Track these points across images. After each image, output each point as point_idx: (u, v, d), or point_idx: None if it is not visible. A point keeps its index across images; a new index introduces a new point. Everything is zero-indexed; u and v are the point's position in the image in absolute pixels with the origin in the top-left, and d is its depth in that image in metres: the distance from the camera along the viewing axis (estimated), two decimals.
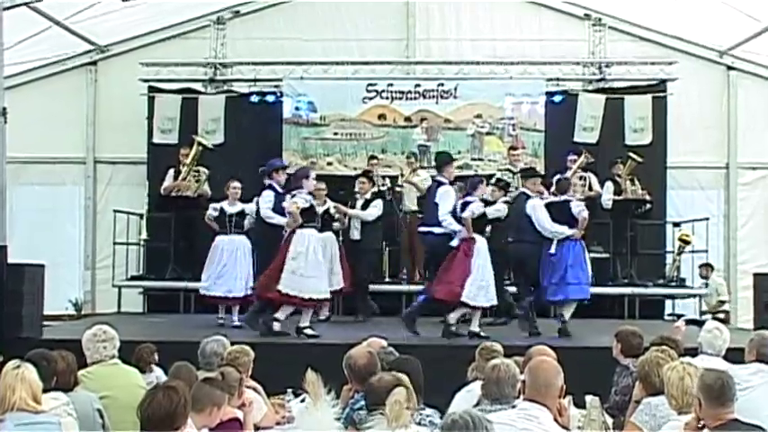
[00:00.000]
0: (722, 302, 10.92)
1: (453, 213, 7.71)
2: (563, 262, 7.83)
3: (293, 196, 7.59)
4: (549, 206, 8.03)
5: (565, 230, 7.87)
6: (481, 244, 7.70)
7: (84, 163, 12.02)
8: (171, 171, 10.52)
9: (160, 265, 10.75)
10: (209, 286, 8.74)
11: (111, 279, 10.94)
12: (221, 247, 8.72)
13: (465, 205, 7.76)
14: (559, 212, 7.98)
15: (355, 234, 9.15)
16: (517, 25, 11.76)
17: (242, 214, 8.73)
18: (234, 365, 4.56)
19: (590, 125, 11.28)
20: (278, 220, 7.81)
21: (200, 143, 10.48)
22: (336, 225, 9.06)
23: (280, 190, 8.00)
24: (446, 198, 7.73)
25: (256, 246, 8.40)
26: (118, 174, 11.98)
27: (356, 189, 9.24)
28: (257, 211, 8.22)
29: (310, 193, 7.74)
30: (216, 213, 8.81)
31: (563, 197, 8.15)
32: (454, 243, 7.67)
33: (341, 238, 9.20)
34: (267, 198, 7.96)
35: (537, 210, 7.95)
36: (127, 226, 11.01)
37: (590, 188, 10.20)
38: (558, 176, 9.18)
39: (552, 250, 7.82)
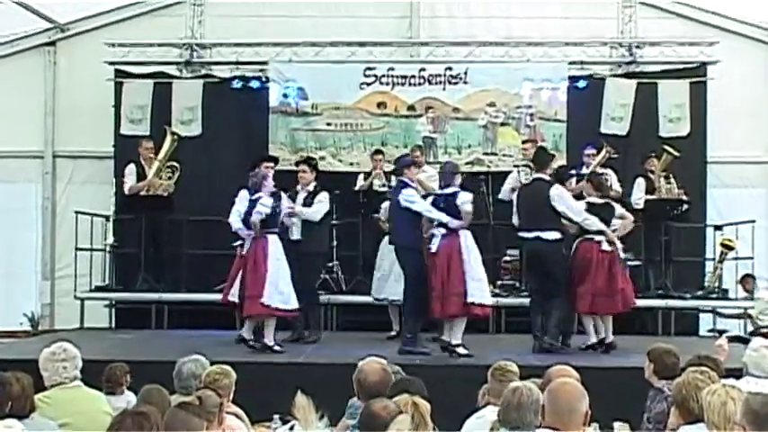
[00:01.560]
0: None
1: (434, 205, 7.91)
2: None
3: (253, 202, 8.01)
4: None
5: (597, 223, 8.04)
6: (466, 237, 7.80)
7: (41, 157, 12.03)
8: (131, 167, 10.53)
9: (129, 275, 10.78)
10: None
11: (72, 290, 10.95)
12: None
13: (450, 197, 7.82)
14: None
15: (294, 234, 8.74)
16: (536, 0, 11.75)
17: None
18: (213, 389, 4.57)
19: (619, 114, 11.30)
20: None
21: (174, 134, 10.48)
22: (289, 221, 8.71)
23: (413, 185, 8.09)
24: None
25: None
26: (80, 170, 11.99)
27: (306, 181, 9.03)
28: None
29: (275, 194, 8.09)
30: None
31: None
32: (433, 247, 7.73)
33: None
34: (410, 196, 7.96)
35: (565, 197, 8.08)
36: (91, 229, 10.99)
37: (609, 188, 10.19)
38: (571, 173, 9.23)
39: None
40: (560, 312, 8.16)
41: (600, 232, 8.20)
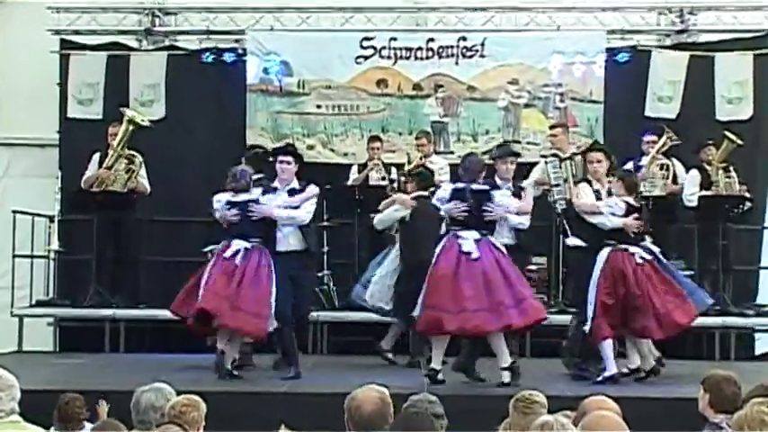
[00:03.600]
0: None
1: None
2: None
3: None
4: None
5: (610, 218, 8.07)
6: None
7: None
8: (96, 157, 10.56)
9: (78, 287, 10.79)
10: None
11: (8, 306, 10.88)
12: None
13: (479, 194, 7.86)
14: None
15: (282, 243, 8.49)
16: None
17: None
18: (179, 423, 4.56)
19: (667, 94, 11.30)
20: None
21: (131, 119, 10.49)
22: None
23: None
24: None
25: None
26: (18, 160, 11.99)
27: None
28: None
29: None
30: None
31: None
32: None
33: None
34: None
35: (582, 193, 8.22)
36: (32, 232, 10.98)
37: (674, 180, 10.24)
38: (628, 165, 9.21)
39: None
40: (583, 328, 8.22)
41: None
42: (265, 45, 11.49)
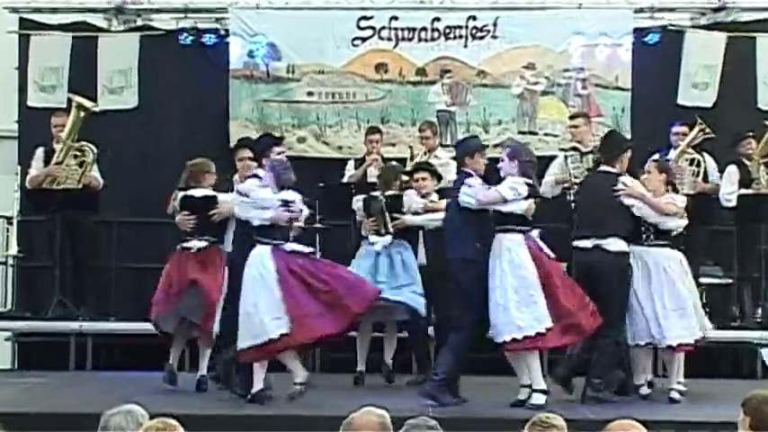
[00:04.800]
0: None
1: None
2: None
3: None
4: None
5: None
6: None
7: None
8: (40, 152, 10.57)
9: (39, 297, 10.78)
10: None
11: None
12: None
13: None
14: None
15: (228, 244, 8.87)
16: None
17: None
18: None
19: (703, 80, 11.31)
20: None
21: (80, 105, 10.46)
22: None
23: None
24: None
25: None
26: None
27: None
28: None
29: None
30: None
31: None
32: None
33: None
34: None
35: (638, 190, 8.24)
36: None
37: (705, 178, 10.23)
38: (654, 157, 9.18)
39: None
40: (615, 348, 8.23)
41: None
42: (250, 25, 11.47)
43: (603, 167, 8.49)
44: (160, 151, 11.29)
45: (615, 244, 8.16)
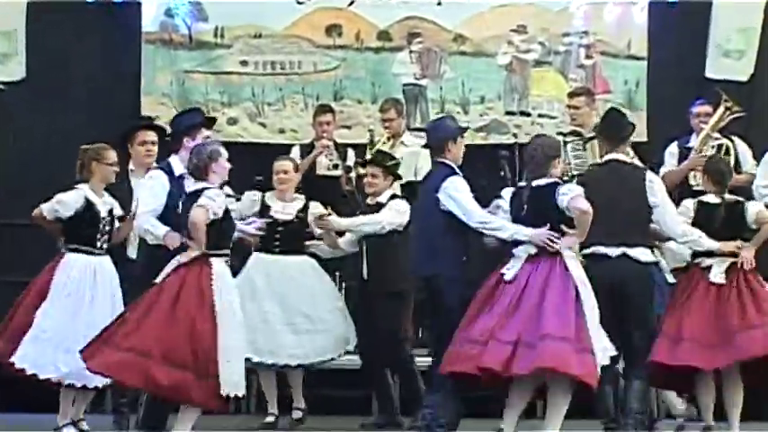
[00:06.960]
0: None
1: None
2: None
3: None
4: None
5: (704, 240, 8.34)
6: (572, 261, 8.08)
7: None
8: None
9: None
10: None
11: None
12: None
13: (541, 190, 7.90)
14: None
15: (131, 251, 8.93)
16: None
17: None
18: None
19: (737, 47, 11.39)
20: None
21: None
22: None
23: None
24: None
25: None
26: None
27: None
28: None
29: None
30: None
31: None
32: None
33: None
34: None
35: (664, 191, 8.32)
36: None
37: (737, 168, 10.10)
38: (672, 147, 9.38)
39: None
40: (647, 381, 8.33)
41: (709, 253, 8.36)
42: None
43: (613, 156, 8.41)
44: (52, 134, 11.32)
45: (645, 253, 8.15)
